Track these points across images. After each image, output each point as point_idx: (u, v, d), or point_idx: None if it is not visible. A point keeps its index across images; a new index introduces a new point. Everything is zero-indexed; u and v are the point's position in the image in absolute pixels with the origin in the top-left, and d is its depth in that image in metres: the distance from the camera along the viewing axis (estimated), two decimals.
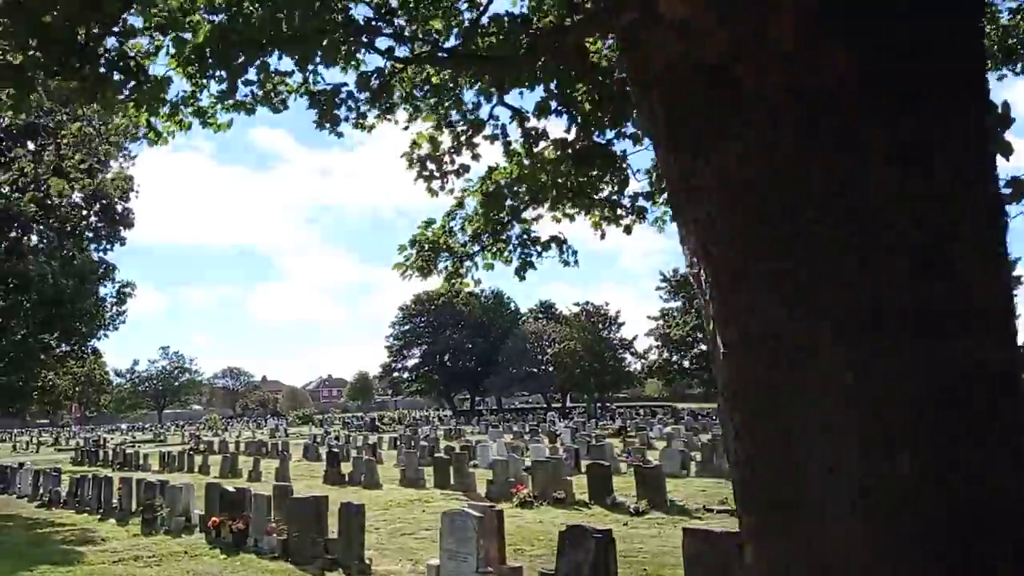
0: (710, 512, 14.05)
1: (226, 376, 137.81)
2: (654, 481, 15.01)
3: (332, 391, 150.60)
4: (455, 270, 7.87)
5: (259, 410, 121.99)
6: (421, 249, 7.73)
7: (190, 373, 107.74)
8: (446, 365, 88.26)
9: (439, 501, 17.91)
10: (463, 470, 19.52)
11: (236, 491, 13.51)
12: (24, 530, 16.98)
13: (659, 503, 14.64)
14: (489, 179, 7.38)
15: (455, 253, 7.74)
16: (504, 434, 44.40)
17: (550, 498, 16.21)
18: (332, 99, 6.60)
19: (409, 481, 21.12)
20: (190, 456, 32.27)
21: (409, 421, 68.35)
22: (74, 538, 15.28)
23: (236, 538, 13.00)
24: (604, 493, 15.71)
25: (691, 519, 13.68)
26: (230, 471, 27.44)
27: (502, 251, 7.69)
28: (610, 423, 52.35)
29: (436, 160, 7.05)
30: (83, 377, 35.05)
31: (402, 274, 7.71)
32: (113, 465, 34.42)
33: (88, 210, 21.75)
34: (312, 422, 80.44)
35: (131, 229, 22.07)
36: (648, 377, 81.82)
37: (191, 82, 6.31)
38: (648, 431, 40.38)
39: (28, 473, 24.51)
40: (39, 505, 21.52)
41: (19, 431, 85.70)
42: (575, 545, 7.26)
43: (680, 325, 65.90)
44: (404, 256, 7.69)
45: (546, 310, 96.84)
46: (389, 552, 11.81)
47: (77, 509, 19.67)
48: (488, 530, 8.50)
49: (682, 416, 63.14)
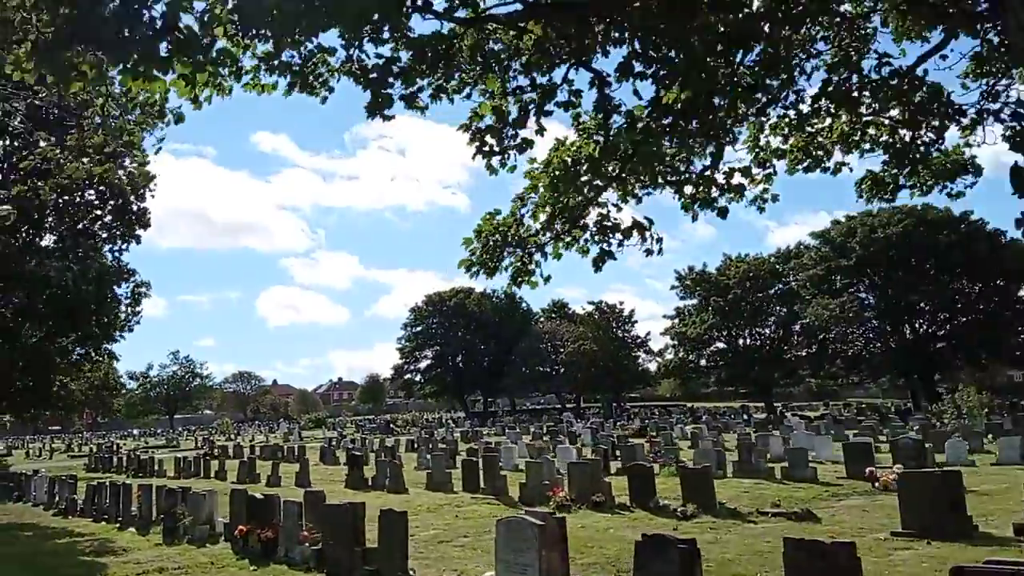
0: (764, 515, 13.29)
1: (236, 381, 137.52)
2: (701, 483, 14.25)
3: (343, 394, 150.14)
4: (523, 266, 7.15)
5: (270, 414, 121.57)
6: (486, 243, 7.01)
7: (201, 378, 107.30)
8: (458, 366, 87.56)
9: (470, 505, 17.22)
10: (494, 473, 18.80)
11: (264, 498, 12.83)
12: (43, 540, 16.38)
13: (707, 506, 13.88)
14: (557, 154, 6.68)
15: (524, 244, 7.01)
16: (522, 435, 43.77)
17: (588, 501, 15.47)
18: (386, 73, 5.90)
19: (436, 484, 20.43)
20: (206, 461, 31.64)
21: (423, 423, 67.73)
22: (94, 548, 14.65)
23: (265, 548, 12.32)
24: (646, 496, 14.98)
25: (744, 523, 12.95)
26: (248, 476, 26.81)
27: (576, 239, 6.98)
28: (628, 423, 51.63)
29: (497, 133, 6.35)
30: (97, 381, 34.47)
31: (468, 271, 7.00)
32: (128, 471, 33.87)
33: (102, 209, 21.20)
34: (324, 425, 79.89)
35: (147, 229, 21.58)
36: (665, 376, 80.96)
37: (232, 42, 5.64)
38: (670, 431, 39.64)
39: (43, 480, 23.93)
40: (55, 513, 20.93)
41: (31, 437, 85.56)
42: (656, 556, 6.55)
43: (697, 323, 64.96)
44: (470, 251, 6.98)
45: (559, 310, 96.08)
46: (431, 562, 11.11)
47: (95, 517, 19.05)
48: (550, 539, 7.80)
49: (700, 415, 62.44)
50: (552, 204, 6.62)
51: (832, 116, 7.29)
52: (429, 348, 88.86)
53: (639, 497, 15.15)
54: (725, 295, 63.07)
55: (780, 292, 64.97)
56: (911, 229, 52.60)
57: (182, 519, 14.92)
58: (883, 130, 7.80)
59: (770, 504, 14.03)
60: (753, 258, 67.18)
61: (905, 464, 16.68)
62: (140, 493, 17.51)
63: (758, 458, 19.87)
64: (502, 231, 7.00)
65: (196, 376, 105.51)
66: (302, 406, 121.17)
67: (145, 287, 23.53)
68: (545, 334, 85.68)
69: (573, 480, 16.41)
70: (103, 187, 21.10)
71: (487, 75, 6.03)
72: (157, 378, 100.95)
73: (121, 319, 22.72)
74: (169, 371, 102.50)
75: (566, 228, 6.81)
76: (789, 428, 35.00)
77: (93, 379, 34.85)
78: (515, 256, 7.13)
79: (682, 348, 67.90)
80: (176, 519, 15.06)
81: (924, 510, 11.26)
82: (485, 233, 7.04)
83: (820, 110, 7.00)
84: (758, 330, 65.59)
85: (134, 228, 21.58)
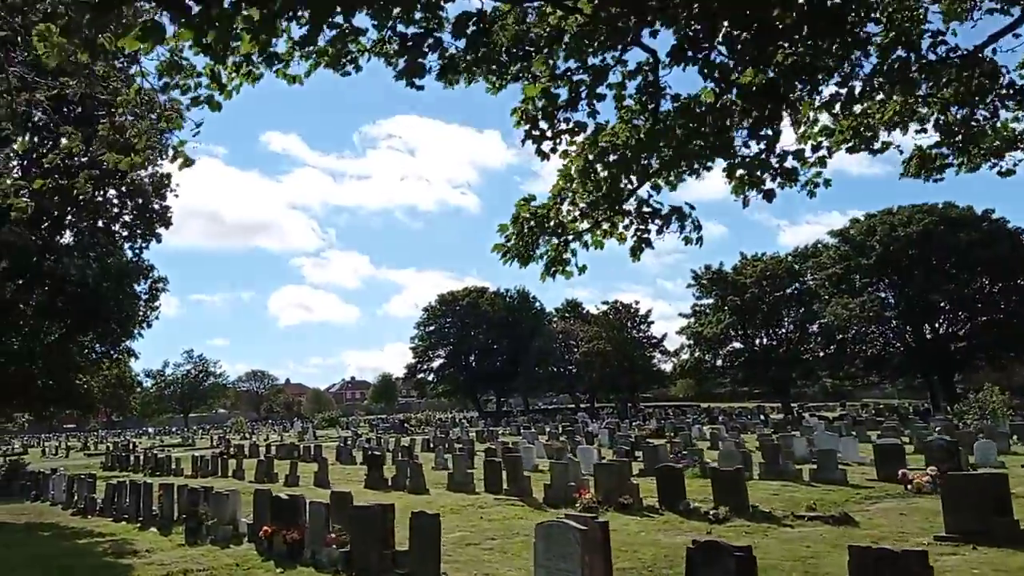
0: (800, 519, 12.95)
1: (250, 380, 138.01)
2: (733, 485, 13.92)
3: (355, 393, 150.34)
4: (557, 255, 6.88)
5: (283, 413, 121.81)
6: (521, 229, 6.74)
7: (215, 377, 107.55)
8: (471, 366, 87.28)
9: (494, 507, 16.96)
10: (517, 474, 18.52)
11: (290, 498, 12.61)
12: (63, 540, 16.25)
13: (740, 509, 13.55)
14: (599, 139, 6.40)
15: (560, 231, 6.74)
16: (538, 435, 43.47)
17: (616, 503, 15.17)
18: (421, 43, 5.64)
19: (457, 485, 20.18)
20: (223, 460, 31.54)
21: (436, 422, 67.56)
22: (116, 549, 14.47)
23: (291, 549, 12.10)
24: (675, 498, 14.66)
25: (780, 527, 12.61)
26: (266, 475, 26.69)
27: (615, 227, 6.70)
28: (644, 423, 51.22)
29: (549, 117, 6.07)
30: (114, 379, 34.43)
31: (502, 257, 6.74)
32: (144, 470, 33.85)
33: (124, 207, 21.08)
34: (337, 424, 79.89)
35: (168, 227, 21.40)
36: (681, 377, 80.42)
37: (264, 25, 5.38)
38: (688, 431, 39.25)
39: (62, 479, 23.87)
40: (74, 512, 20.83)
41: (47, 436, 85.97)
42: (710, 564, 6.26)
43: (713, 323, 64.43)
44: (505, 236, 6.72)
45: (572, 309, 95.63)
46: (461, 565, 10.84)
47: (115, 517, 18.93)
48: (593, 545, 7.52)
49: (716, 416, 61.93)
50: (595, 190, 6.33)
51: (886, 95, 7.00)
52: (442, 347, 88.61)
53: (668, 499, 14.83)
54: (742, 294, 62.53)
55: (797, 291, 64.37)
56: (932, 227, 52.00)
57: (205, 519, 14.75)
58: (934, 108, 7.53)
59: (805, 507, 13.68)
60: (770, 257, 66.64)
61: (938, 466, 16.29)
62: (161, 493, 17.35)
63: (785, 459, 19.49)
64: (538, 217, 6.72)
65: (210, 375, 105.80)
66: (315, 405, 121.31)
67: (162, 282, 23.39)
68: (559, 334, 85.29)
69: (599, 482, 16.12)
70: (124, 187, 20.98)
71: (534, 56, 5.75)
72: (171, 377, 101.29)
73: (139, 316, 22.57)
74: (183, 370, 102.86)
75: (607, 216, 6.52)
76: (810, 429, 34.54)
77: (110, 377, 34.80)
78: (550, 244, 6.87)
79: (698, 348, 67.36)
80: (199, 519, 14.89)
81: (968, 514, 10.89)
82: (521, 219, 6.77)
83: (874, 89, 6.68)
84: (775, 330, 65.01)
85: (154, 227, 21.45)
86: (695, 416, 58.44)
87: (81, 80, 6.93)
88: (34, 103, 8.00)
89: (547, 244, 6.88)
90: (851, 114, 6.69)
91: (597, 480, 16.29)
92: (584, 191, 6.44)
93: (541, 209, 6.63)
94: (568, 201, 6.64)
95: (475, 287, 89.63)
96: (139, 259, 22.04)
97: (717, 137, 5.51)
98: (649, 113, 6.21)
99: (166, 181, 20.67)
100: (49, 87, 7.45)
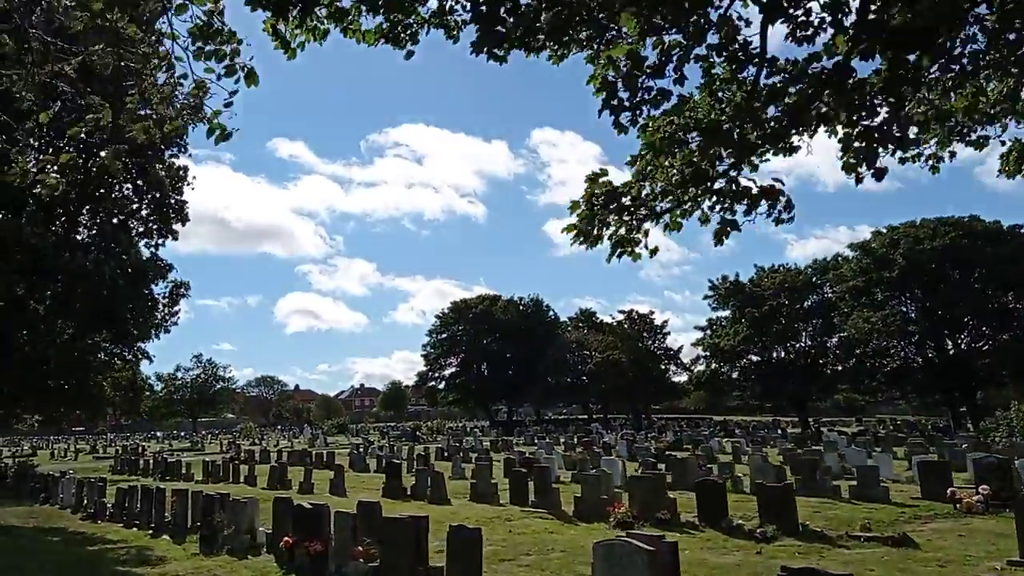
0: (856, 540, 12.14)
1: (259, 385, 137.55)
2: (782, 502, 13.11)
3: (364, 401, 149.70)
4: (627, 234, 6.19)
5: (292, 419, 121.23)
6: (592, 207, 6.06)
7: (224, 381, 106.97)
8: (483, 374, 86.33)
9: (522, 519, 16.20)
10: (545, 485, 17.76)
11: (313, 508, 11.89)
12: (73, 546, 15.58)
13: (788, 528, 12.75)
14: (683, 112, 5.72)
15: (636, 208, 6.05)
16: (554, 446, 42.66)
17: (652, 519, 14.40)
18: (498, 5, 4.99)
19: (480, 496, 19.44)
20: (235, 466, 30.88)
21: (448, 431, 66.79)
22: (129, 557, 13.81)
23: (314, 562, 11.38)
24: (718, 514, 13.86)
25: (835, 548, 11.82)
26: (279, 482, 25.99)
27: (699, 206, 6.01)
28: (660, 435, 50.31)
29: (631, 84, 5.38)
30: (125, 382, 33.81)
31: (574, 238, 6.07)
32: (154, 474, 33.21)
33: (140, 203, 20.50)
34: (347, 432, 79.28)
35: (185, 223, 20.77)
36: (696, 389, 79.34)
37: None
38: (707, 443, 38.37)
39: (71, 483, 23.24)
40: (84, 517, 20.19)
41: (55, 438, 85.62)
42: None
43: (730, 335, 63.42)
44: (577, 215, 6.05)
45: (587, 319, 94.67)
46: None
47: (125, 523, 18.29)
48: (662, 568, 6.78)
49: (732, 429, 60.85)
50: (685, 166, 5.64)
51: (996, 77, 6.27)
52: (454, 355, 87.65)
53: (709, 515, 14.04)
54: (760, 306, 61.59)
55: (816, 304, 63.38)
56: (957, 241, 51.04)
57: (221, 528, 14.06)
58: None
59: (858, 527, 12.86)
60: (787, 269, 65.72)
61: (990, 485, 15.47)
62: (175, 499, 16.64)
63: (823, 475, 18.66)
64: (609, 193, 6.04)
65: (219, 379, 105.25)
66: (324, 412, 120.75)
67: (184, 287, 22.67)
68: (573, 343, 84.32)
69: (634, 495, 15.33)
70: (140, 181, 20.44)
71: (623, 11, 5.07)
72: (180, 381, 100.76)
73: (157, 318, 21.91)
74: (192, 374, 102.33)
75: (694, 195, 5.83)
76: (833, 444, 33.62)
77: (121, 379, 34.21)
78: (618, 223, 6.18)
79: (714, 360, 66.34)
80: (215, 528, 14.19)
81: None
82: (592, 197, 6.09)
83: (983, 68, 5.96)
84: (792, 343, 63.98)
85: (171, 222, 20.83)
86: (712, 429, 57.49)
87: (108, 48, 6.26)
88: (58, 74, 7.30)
89: (616, 224, 6.20)
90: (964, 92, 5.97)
91: (631, 493, 15.50)
92: (669, 167, 5.74)
93: (614, 187, 5.94)
94: (647, 178, 5.96)
95: (488, 295, 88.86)
96: (155, 256, 21.41)
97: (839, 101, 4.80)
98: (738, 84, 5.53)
99: (182, 174, 20.09)
100: (74, 54, 6.79)
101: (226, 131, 5.83)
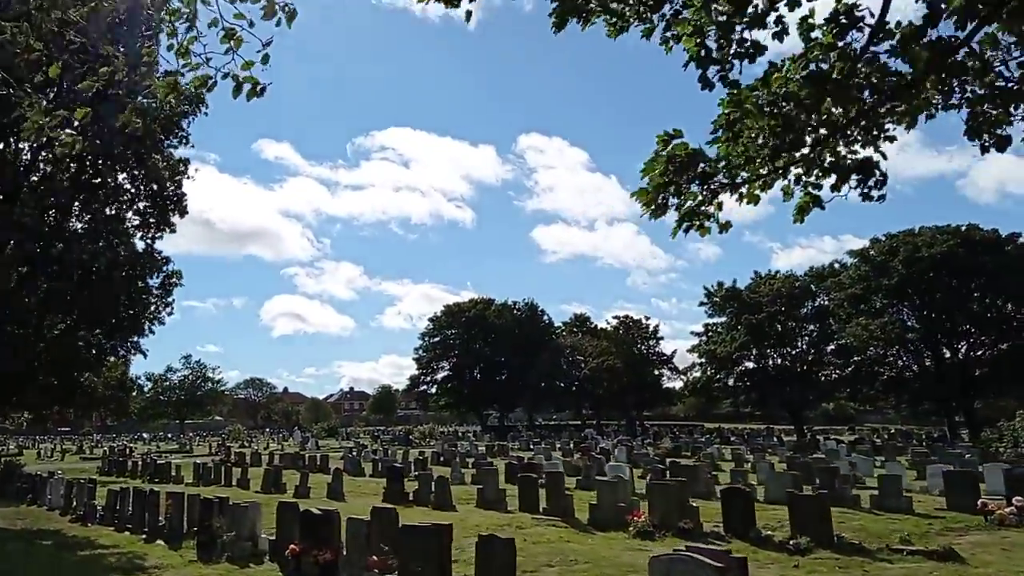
0: (897, 553, 11.50)
1: (248, 387, 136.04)
2: (816, 512, 12.45)
3: (354, 404, 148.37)
4: (697, 206, 5.53)
5: (281, 422, 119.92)
6: (666, 170, 5.39)
7: (213, 383, 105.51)
8: (476, 379, 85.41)
9: (534, 527, 15.50)
10: (559, 491, 17.05)
11: (323, 513, 11.16)
12: (64, 551, 14.73)
13: (823, 540, 12.10)
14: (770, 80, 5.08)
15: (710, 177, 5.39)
16: (550, 451, 41.96)
17: (675, 528, 13.75)
18: None
19: (488, 502, 18.73)
20: (226, 468, 29.99)
21: (440, 435, 65.94)
22: (123, 564, 13.02)
23: (323, 572, 10.66)
24: (745, 524, 13.20)
25: (876, 561, 11.17)
26: (273, 486, 25.17)
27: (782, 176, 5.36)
28: (655, 441, 49.68)
29: (726, 30, 4.74)
30: (115, 380, 32.90)
31: (644, 206, 5.42)
32: (143, 476, 32.27)
33: (136, 194, 19.68)
34: (337, 435, 78.34)
35: (184, 216, 19.93)
36: (691, 395, 78.72)
37: None
38: (707, 450, 37.79)
39: (60, 483, 22.38)
40: (73, 519, 19.36)
41: (41, 437, 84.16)
42: None
43: (727, 341, 62.86)
44: (648, 179, 5.38)
45: (581, 324, 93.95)
46: None
47: (117, 526, 17.50)
48: None
49: (727, 436, 60.26)
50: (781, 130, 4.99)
51: None
52: (446, 359, 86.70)
53: (736, 525, 13.38)
54: (756, 313, 61.10)
55: (812, 312, 62.95)
56: (955, 249, 50.69)
57: (220, 533, 13.29)
58: None
59: (897, 540, 12.22)
60: (784, 276, 65.30)
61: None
62: (170, 502, 15.84)
63: (842, 484, 18.03)
64: (689, 156, 5.37)
65: (208, 381, 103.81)
66: (313, 414, 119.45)
67: (176, 276, 21.79)
68: (566, 348, 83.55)
69: (654, 503, 14.66)
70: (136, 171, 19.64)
71: None
72: (168, 382, 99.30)
73: (151, 310, 21.06)
74: (180, 375, 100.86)
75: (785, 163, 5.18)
76: (835, 452, 33.13)
77: (110, 378, 33.27)
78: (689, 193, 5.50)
79: (710, 366, 65.75)
80: (213, 533, 13.42)
81: None
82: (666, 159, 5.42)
83: None
84: (788, 350, 63.50)
85: (169, 215, 20.01)
86: (708, 436, 56.92)
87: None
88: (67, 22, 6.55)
89: (687, 194, 5.53)
90: None
91: (652, 502, 14.82)
92: (760, 131, 5.09)
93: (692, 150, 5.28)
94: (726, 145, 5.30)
95: (482, 298, 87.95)
96: (151, 248, 20.51)
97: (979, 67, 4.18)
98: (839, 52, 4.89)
99: (182, 166, 19.29)
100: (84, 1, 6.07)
101: (258, 85, 5.14)
